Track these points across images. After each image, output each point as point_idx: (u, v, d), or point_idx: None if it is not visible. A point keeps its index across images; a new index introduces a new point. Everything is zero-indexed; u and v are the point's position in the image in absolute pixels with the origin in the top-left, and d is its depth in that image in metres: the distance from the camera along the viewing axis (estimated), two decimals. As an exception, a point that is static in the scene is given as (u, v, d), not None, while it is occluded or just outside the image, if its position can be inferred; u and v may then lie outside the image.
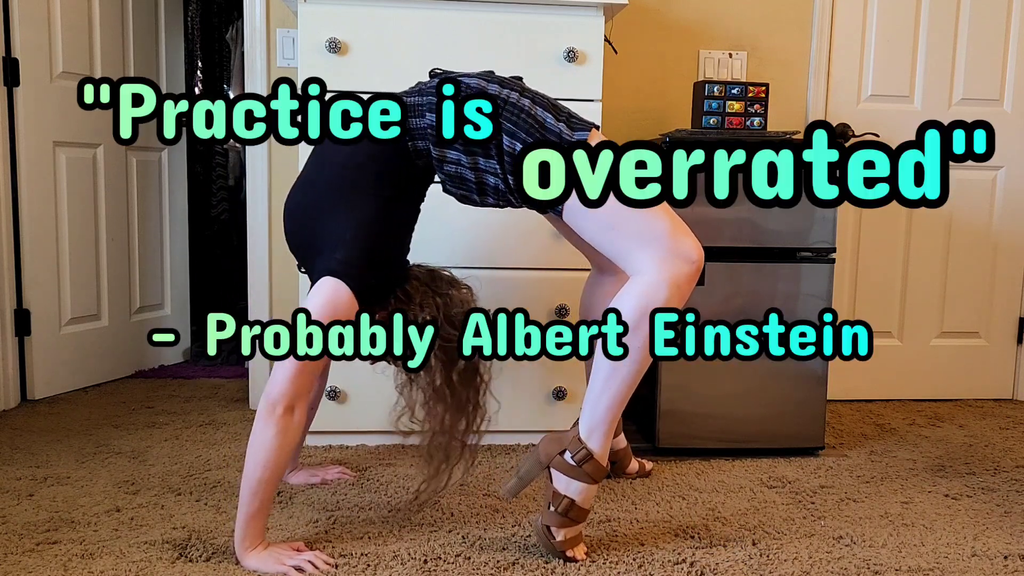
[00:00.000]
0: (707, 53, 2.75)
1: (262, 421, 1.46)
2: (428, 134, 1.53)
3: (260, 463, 1.45)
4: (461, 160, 1.53)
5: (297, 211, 1.61)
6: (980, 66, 2.82)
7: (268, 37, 2.63)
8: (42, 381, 2.72)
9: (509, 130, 1.49)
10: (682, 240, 1.43)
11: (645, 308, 1.41)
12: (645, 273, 1.42)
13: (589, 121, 1.52)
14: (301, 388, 1.47)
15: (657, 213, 1.44)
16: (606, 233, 1.46)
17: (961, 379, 2.93)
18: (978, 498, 1.94)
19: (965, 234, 2.88)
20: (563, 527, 1.52)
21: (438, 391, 1.62)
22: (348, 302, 1.49)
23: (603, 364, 1.46)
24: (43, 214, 2.68)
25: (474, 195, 1.58)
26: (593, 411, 1.48)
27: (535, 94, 1.54)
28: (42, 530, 1.65)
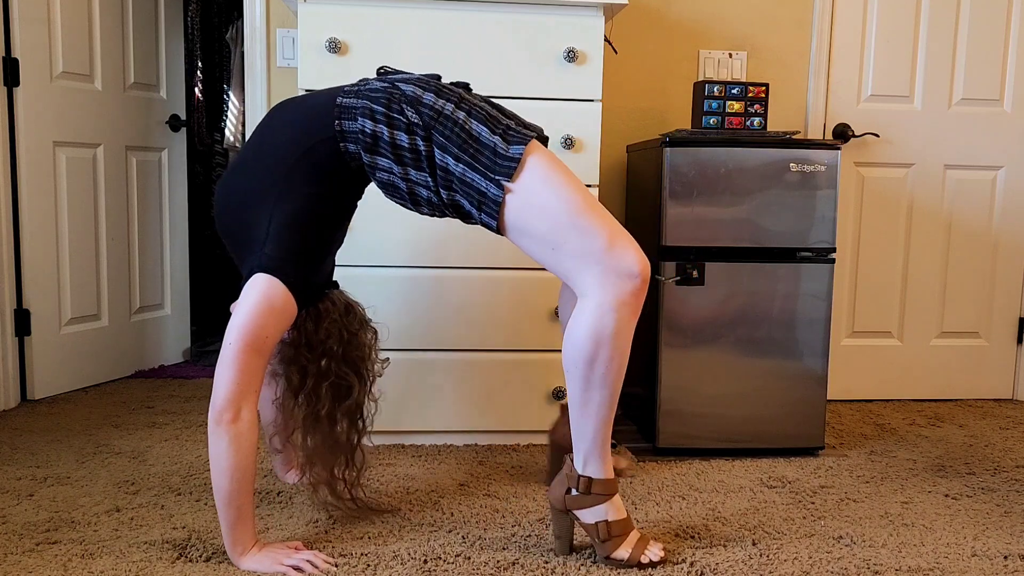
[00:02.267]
0: (707, 53, 2.75)
1: (213, 432, 1.42)
2: (359, 138, 1.49)
3: (223, 473, 1.43)
4: (392, 169, 1.49)
5: (228, 196, 1.58)
6: (980, 66, 2.82)
7: (268, 37, 2.63)
8: (42, 381, 2.72)
9: (441, 144, 1.45)
10: (621, 256, 1.39)
11: (597, 337, 1.39)
12: (589, 296, 1.40)
13: (530, 131, 1.46)
14: (247, 388, 1.43)
15: (593, 229, 1.39)
16: (547, 253, 1.43)
17: (961, 379, 2.93)
18: (978, 498, 1.94)
19: (965, 234, 2.88)
20: (619, 546, 1.50)
21: (319, 421, 1.59)
22: (283, 295, 1.46)
23: (577, 399, 1.45)
24: (43, 214, 2.68)
25: (408, 204, 1.54)
26: (581, 441, 1.48)
27: (473, 105, 1.49)
28: (42, 530, 1.64)
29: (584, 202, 1.41)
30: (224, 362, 1.43)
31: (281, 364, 1.63)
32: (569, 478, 1.52)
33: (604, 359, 1.40)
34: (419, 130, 1.46)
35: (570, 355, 1.42)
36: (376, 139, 1.48)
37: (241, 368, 1.42)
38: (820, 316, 2.20)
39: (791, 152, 2.17)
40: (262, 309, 1.44)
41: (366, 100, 1.49)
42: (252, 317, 1.44)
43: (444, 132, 1.45)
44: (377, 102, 1.48)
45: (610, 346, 1.39)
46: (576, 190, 1.42)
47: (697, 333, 2.17)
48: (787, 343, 2.20)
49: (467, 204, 1.46)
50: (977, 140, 2.84)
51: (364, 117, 1.48)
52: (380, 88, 1.50)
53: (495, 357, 2.23)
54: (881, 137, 2.81)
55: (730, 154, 2.16)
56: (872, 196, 2.83)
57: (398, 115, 1.47)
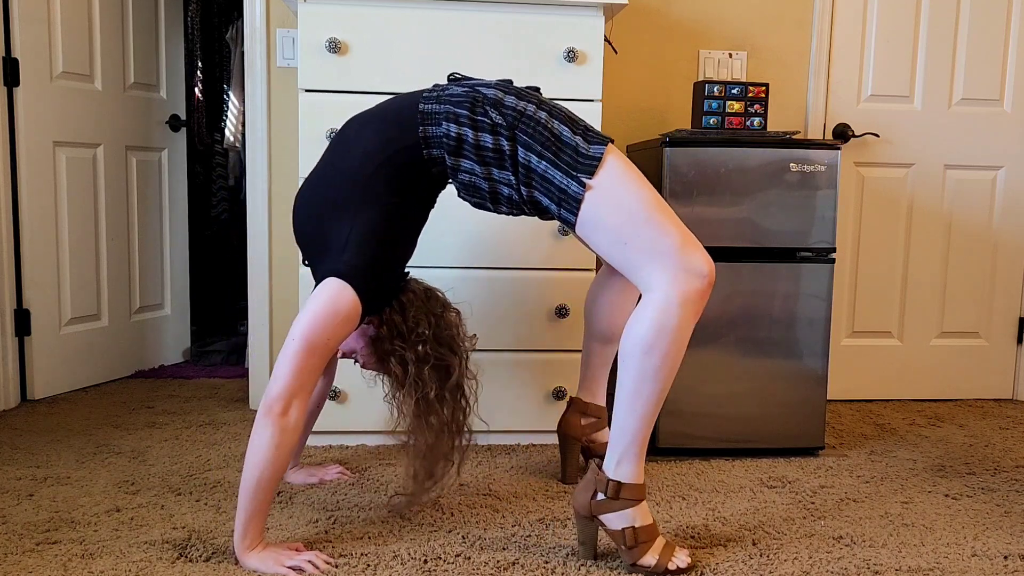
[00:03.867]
0: (707, 53, 2.75)
1: (260, 422, 1.46)
2: (443, 143, 1.53)
3: (258, 464, 1.45)
4: (475, 170, 1.53)
5: (307, 206, 1.61)
6: (980, 66, 2.82)
7: (268, 37, 2.63)
8: (42, 381, 2.72)
9: (524, 143, 1.49)
10: (692, 255, 1.43)
11: (659, 328, 1.41)
12: (655, 290, 1.42)
13: (605, 135, 1.52)
14: (301, 386, 1.47)
15: (668, 228, 1.44)
16: (617, 248, 1.46)
17: (961, 379, 2.93)
18: (978, 498, 1.94)
19: (965, 234, 2.88)
20: (646, 553, 1.49)
21: (430, 403, 1.61)
22: (352, 304, 1.49)
23: (627, 389, 1.45)
24: (43, 214, 2.68)
25: (488, 204, 1.58)
26: (621, 437, 1.48)
27: (553, 106, 1.54)
28: (42, 530, 1.64)
29: (658, 202, 1.47)
30: (284, 357, 1.46)
31: (379, 363, 1.65)
32: (597, 482, 1.50)
33: (661, 351, 1.41)
34: (503, 131, 1.49)
35: (629, 344, 1.43)
36: (461, 142, 1.51)
37: (299, 366, 1.46)
38: (820, 316, 2.20)
39: (791, 152, 2.17)
40: (328, 312, 1.47)
41: (449, 105, 1.52)
42: (318, 319, 1.46)
43: (528, 131, 1.49)
44: (461, 106, 1.51)
45: (669, 339, 1.41)
46: (650, 190, 1.48)
47: (698, 333, 2.17)
48: (787, 343, 2.20)
49: (546, 200, 1.50)
50: (977, 140, 2.84)
51: (448, 122, 1.51)
52: (462, 93, 1.54)
53: (495, 357, 2.22)
54: (881, 137, 2.81)
55: (730, 154, 2.16)
56: (872, 196, 2.83)
57: (482, 117, 1.50)
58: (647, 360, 1.42)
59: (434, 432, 1.61)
